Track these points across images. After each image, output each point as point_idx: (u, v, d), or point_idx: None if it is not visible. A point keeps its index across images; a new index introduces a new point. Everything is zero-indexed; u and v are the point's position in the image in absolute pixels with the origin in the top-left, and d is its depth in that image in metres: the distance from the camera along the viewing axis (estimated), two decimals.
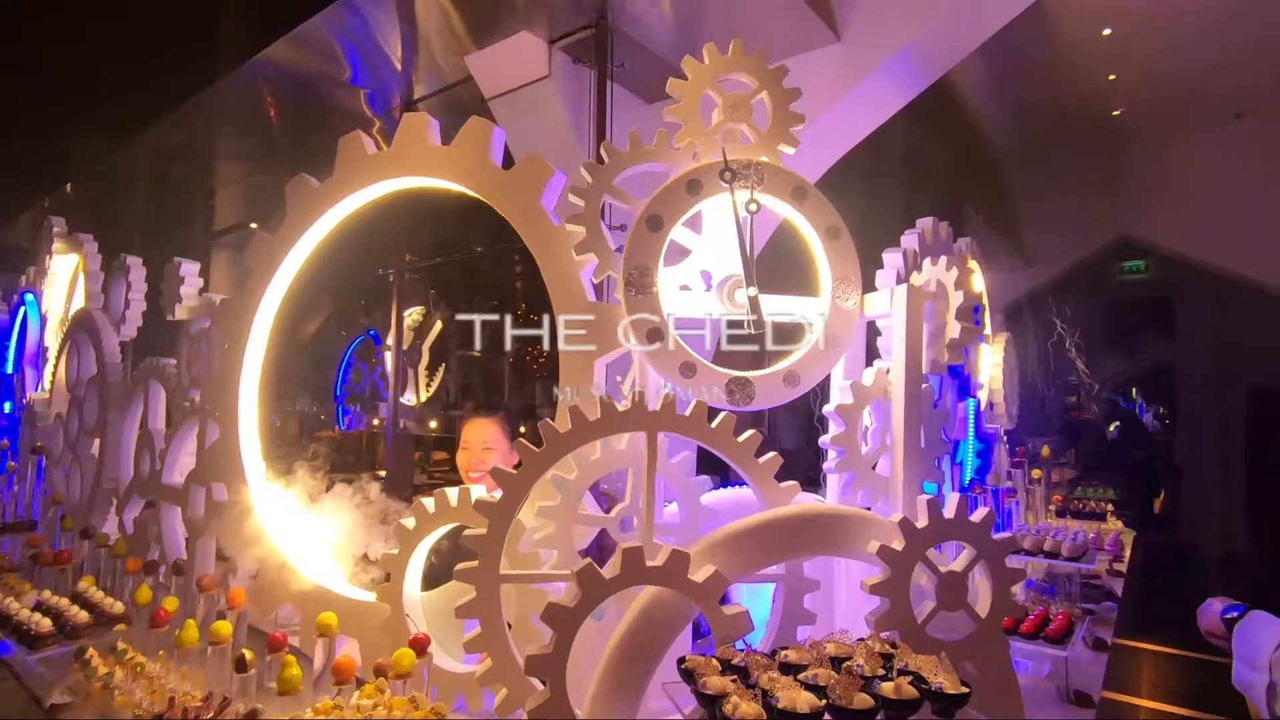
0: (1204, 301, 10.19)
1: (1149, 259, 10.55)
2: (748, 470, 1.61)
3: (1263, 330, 9.39)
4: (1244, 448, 9.86)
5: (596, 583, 1.32)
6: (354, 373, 7.32)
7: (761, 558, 1.49)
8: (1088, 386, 8.21)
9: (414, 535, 1.93)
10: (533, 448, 1.55)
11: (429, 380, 6.47)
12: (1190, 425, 10.61)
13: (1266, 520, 9.26)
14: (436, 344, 6.55)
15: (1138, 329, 10.97)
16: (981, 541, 1.51)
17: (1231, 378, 10.10)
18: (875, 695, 1.14)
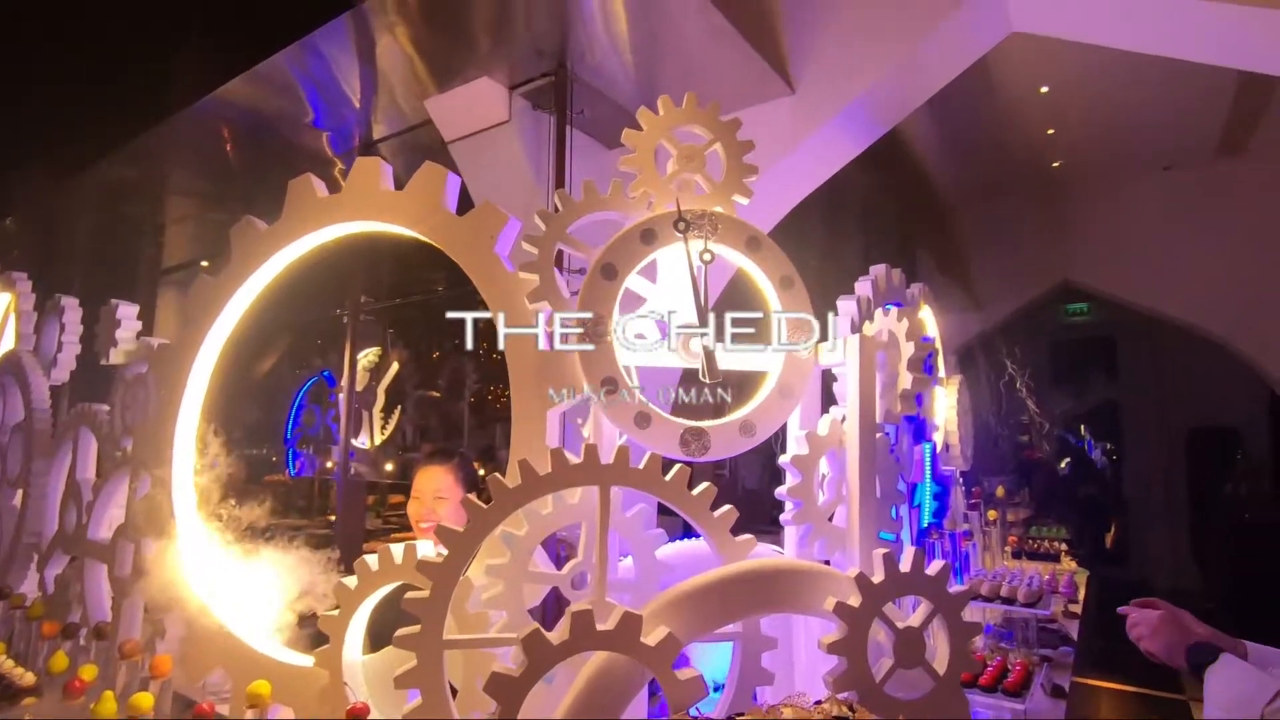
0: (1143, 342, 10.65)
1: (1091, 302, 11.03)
2: (703, 524, 1.58)
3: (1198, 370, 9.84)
4: (1187, 483, 10.21)
5: (543, 650, 1.26)
6: (306, 415, 7.09)
7: (717, 617, 1.45)
8: (1039, 425, 8.43)
9: (355, 595, 1.83)
10: (480, 504, 1.49)
11: (384, 422, 6.31)
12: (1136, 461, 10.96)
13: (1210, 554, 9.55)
14: (393, 385, 6.41)
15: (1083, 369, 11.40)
16: (938, 595, 1.49)
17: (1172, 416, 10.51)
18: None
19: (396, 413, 6.27)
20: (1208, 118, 6.74)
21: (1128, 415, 10.91)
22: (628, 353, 1.80)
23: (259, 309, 2.50)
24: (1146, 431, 10.55)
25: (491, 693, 1.21)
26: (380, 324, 5.95)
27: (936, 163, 7.24)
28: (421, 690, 1.43)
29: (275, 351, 6.73)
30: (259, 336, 6.03)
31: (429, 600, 1.44)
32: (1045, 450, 9.01)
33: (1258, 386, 8.77)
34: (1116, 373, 11.03)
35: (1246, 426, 9.55)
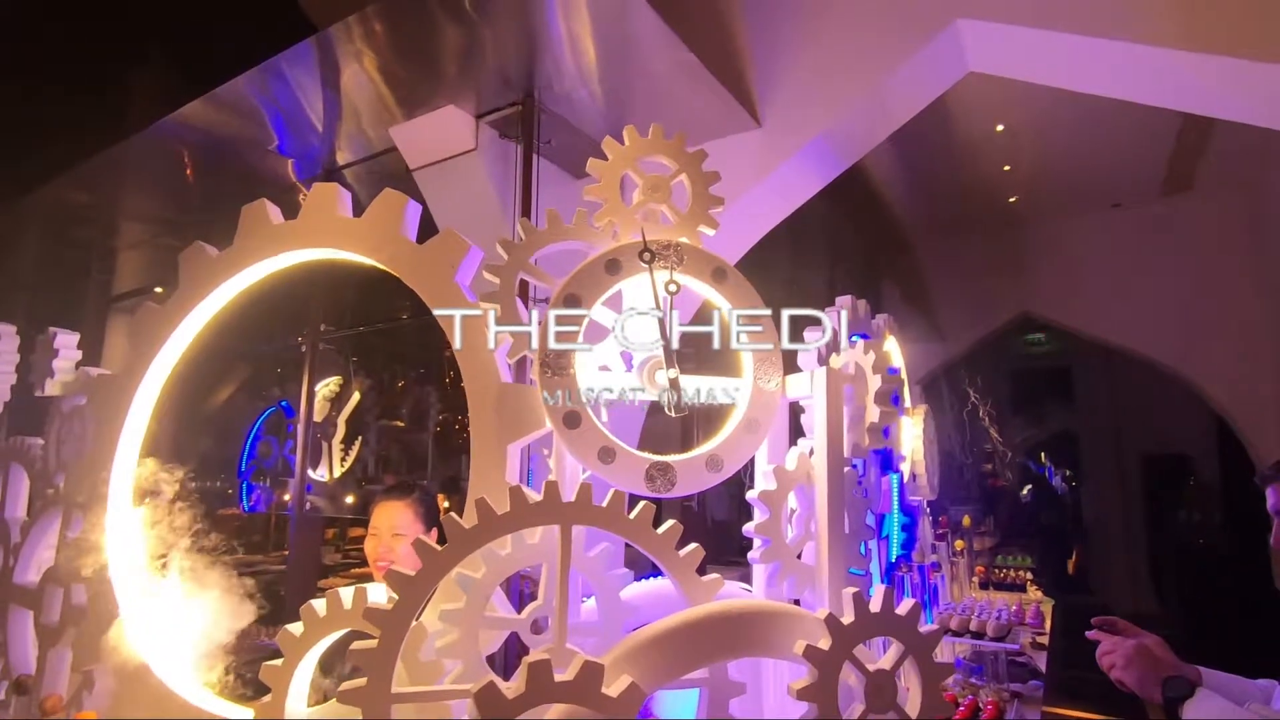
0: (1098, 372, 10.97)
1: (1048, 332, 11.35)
2: (668, 565, 1.52)
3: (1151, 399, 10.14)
4: (1143, 509, 10.45)
5: (498, 704, 1.18)
6: (262, 446, 6.85)
7: (683, 663, 1.38)
8: (1002, 454, 8.56)
9: (301, 643, 1.72)
10: (434, 546, 1.41)
11: (344, 454, 6.12)
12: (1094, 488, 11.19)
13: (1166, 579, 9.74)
14: (354, 416, 6.23)
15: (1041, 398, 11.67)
16: (909, 636, 1.45)
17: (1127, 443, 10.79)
18: None
19: (357, 444, 6.09)
20: (1153, 157, 7.05)
21: (1086, 443, 11.18)
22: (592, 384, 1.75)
23: (214, 337, 2.39)
24: (1104, 459, 10.80)
25: None
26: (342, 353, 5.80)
27: (899, 198, 7.42)
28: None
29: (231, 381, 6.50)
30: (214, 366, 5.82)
31: (376, 650, 1.36)
32: (1008, 478, 9.14)
33: (1207, 414, 9.05)
34: (1074, 401, 11.32)
35: (1198, 453, 9.84)
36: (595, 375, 1.80)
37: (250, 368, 6.13)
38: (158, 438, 2.49)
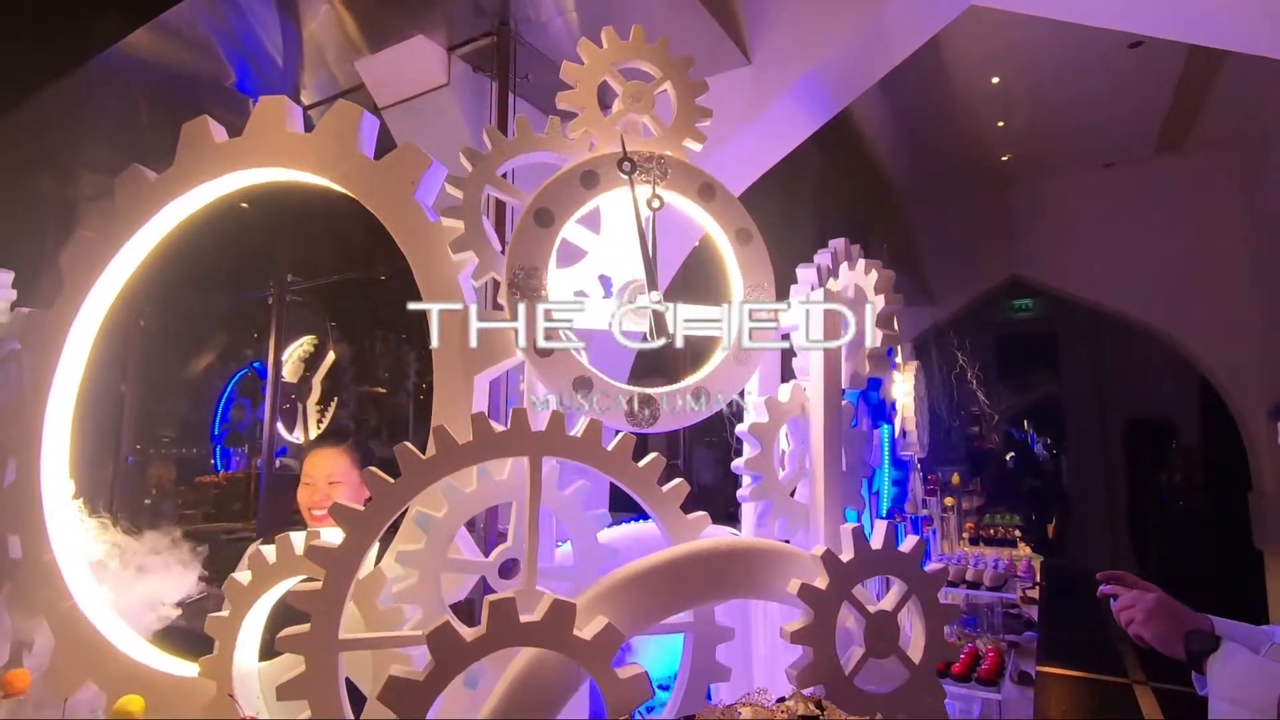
0: (1084, 337, 10.96)
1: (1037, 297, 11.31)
2: (650, 500, 1.38)
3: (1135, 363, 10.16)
4: (1125, 473, 10.53)
5: (455, 647, 1.04)
6: (235, 409, 6.64)
7: (665, 605, 1.25)
8: (988, 417, 8.53)
9: (248, 592, 1.57)
10: (386, 478, 1.26)
11: (320, 416, 5.93)
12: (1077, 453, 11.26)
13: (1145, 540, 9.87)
14: (329, 376, 6.03)
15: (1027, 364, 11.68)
16: (912, 575, 1.33)
17: (1111, 408, 10.83)
18: None
19: (333, 405, 5.90)
20: (1147, 116, 6.90)
21: (1070, 411, 11.22)
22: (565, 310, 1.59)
23: (179, 294, 2.21)
24: (1087, 425, 10.86)
25: (388, 701, 0.99)
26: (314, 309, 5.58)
27: (891, 155, 7.23)
28: (310, 700, 1.20)
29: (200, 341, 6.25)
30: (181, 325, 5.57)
31: (322, 592, 1.21)
32: (995, 441, 9.14)
33: (1190, 378, 9.08)
34: (1058, 369, 11.33)
35: (1181, 417, 9.89)
36: (570, 301, 1.64)
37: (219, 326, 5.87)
38: (128, 405, 2.35)
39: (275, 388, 4.15)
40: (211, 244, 4.75)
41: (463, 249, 1.59)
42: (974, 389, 7.93)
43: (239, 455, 6.93)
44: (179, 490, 6.23)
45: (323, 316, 6.01)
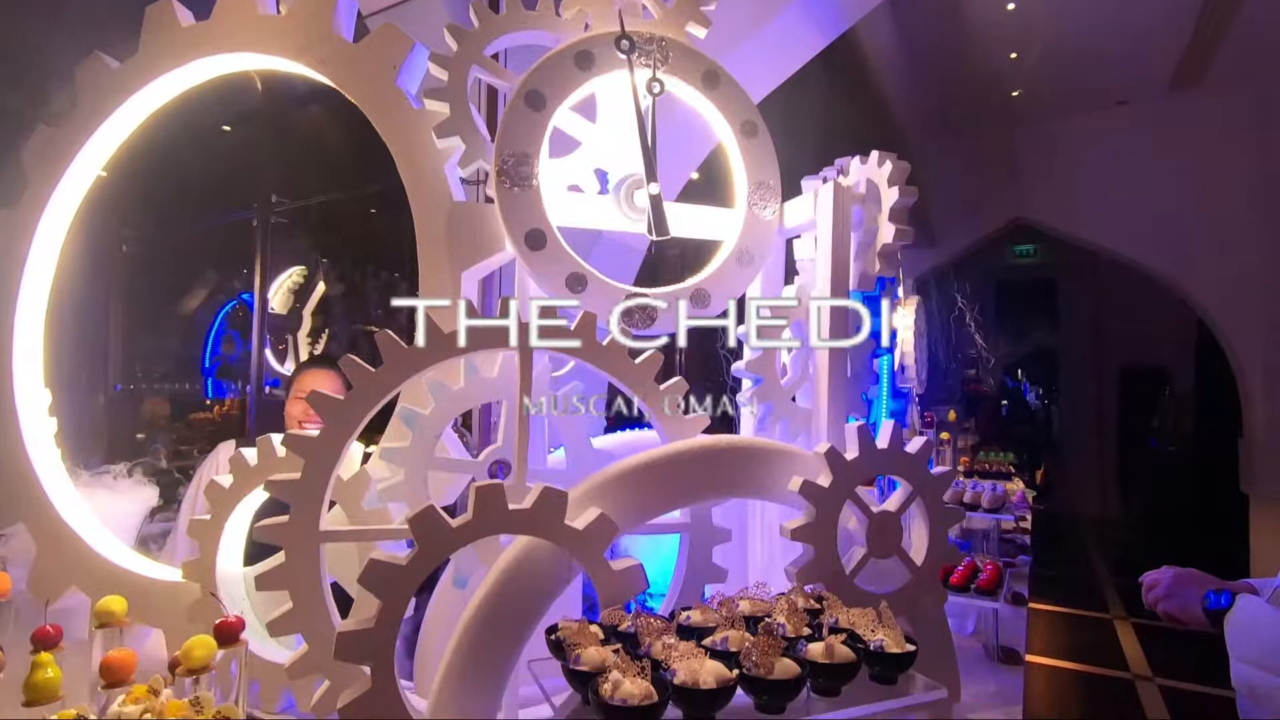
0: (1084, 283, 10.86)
1: (1038, 244, 11.16)
2: (646, 398, 1.31)
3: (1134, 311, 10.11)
4: (1116, 420, 10.60)
5: (439, 533, 0.98)
6: (225, 342, 6.55)
7: (660, 501, 1.20)
8: (985, 360, 8.49)
9: (231, 495, 1.52)
10: (366, 367, 1.19)
11: (311, 347, 5.85)
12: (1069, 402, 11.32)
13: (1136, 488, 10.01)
14: (320, 308, 5.93)
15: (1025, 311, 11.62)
16: (918, 476, 1.28)
17: (1106, 355, 10.83)
18: (801, 660, 0.87)
19: (324, 337, 5.81)
20: (1165, 51, 6.64)
21: (1065, 359, 11.21)
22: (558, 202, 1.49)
23: (162, 218, 2.10)
24: (1081, 372, 10.86)
25: (368, 585, 0.94)
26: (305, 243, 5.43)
27: (899, 82, 6.97)
28: (292, 592, 1.15)
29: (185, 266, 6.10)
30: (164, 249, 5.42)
31: (302, 482, 1.15)
32: (990, 385, 9.14)
33: (1188, 325, 9.04)
34: (1056, 317, 11.27)
35: (1176, 365, 9.89)
36: (564, 196, 1.54)
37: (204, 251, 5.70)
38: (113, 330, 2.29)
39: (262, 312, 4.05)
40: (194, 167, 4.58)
41: (448, 134, 1.47)
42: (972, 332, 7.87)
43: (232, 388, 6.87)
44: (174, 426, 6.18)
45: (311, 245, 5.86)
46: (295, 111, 4.32)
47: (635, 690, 0.77)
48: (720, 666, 0.82)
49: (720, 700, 0.80)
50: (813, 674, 0.86)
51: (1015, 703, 1.56)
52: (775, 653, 0.85)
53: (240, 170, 4.04)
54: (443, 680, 1.04)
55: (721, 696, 0.79)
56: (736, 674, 0.82)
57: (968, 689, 1.43)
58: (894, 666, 0.91)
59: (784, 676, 0.83)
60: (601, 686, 0.78)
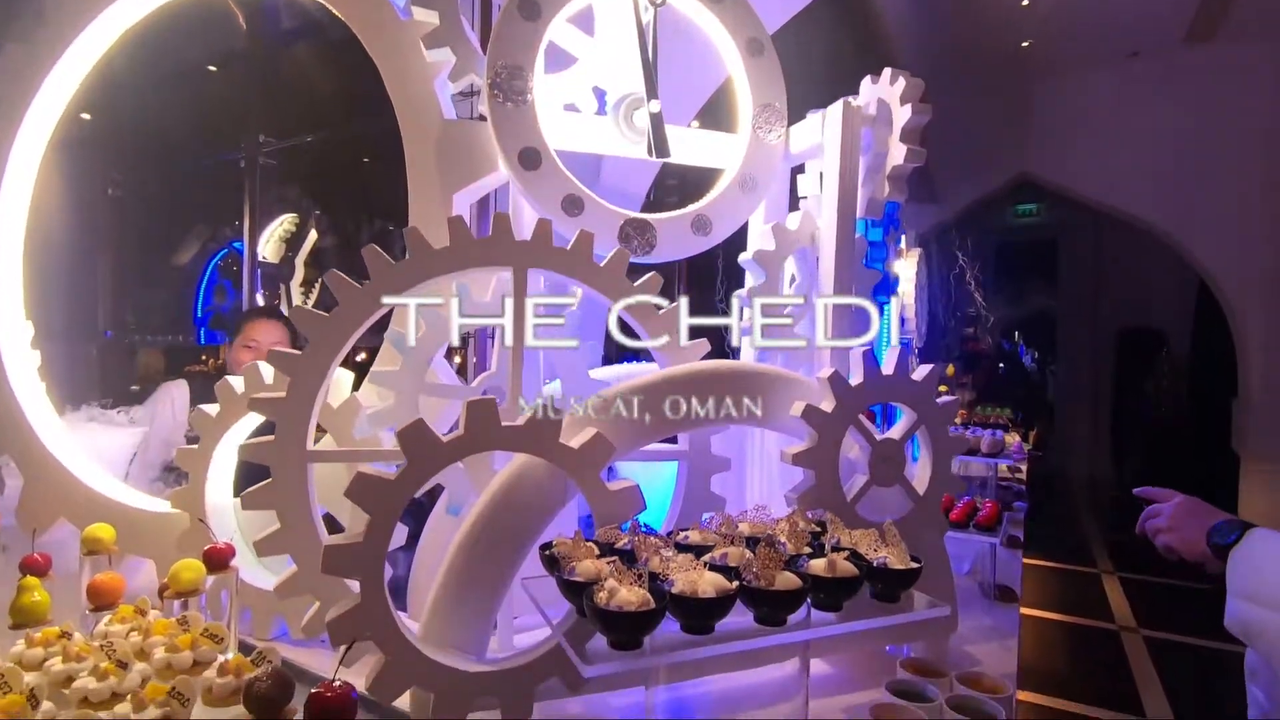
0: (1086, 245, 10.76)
1: (1041, 203, 11.02)
2: (645, 322, 1.27)
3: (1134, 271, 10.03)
4: (1112, 381, 10.63)
5: (428, 447, 0.95)
6: (217, 292, 6.46)
7: (660, 423, 1.16)
8: (984, 320, 8.46)
9: (218, 423, 1.49)
10: (353, 283, 1.13)
11: (305, 297, 5.77)
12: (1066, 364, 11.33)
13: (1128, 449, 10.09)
14: (313, 257, 5.83)
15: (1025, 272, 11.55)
16: (923, 404, 1.24)
17: (1104, 317, 10.80)
18: (802, 575, 0.84)
19: (318, 286, 5.73)
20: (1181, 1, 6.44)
21: (1063, 322, 11.17)
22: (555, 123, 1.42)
23: (148, 161, 2.01)
24: (1078, 335, 10.84)
25: (357, 499, 0.90)
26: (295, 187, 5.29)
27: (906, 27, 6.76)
28: (279, 512, 1.12)
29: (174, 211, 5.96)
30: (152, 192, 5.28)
31: (287, 401, 1.11)
32: (988, 343, 9.13)
33: (1188, 285, 8.98)
34: (1056, 279, 11.19)
35: (1173, 326, 9.87)
36: (560, 115, 1.47)
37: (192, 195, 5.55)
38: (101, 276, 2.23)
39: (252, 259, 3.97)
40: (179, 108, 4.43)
41: (437, 44, 1.40)
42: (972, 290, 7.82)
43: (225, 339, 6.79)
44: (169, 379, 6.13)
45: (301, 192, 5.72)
46: (280, 50, 4.16)
47: (632, 598, 0.74)
48: (719, 577, 0.79)
49: (719, 610, 0.77)
50: (814, 589, 0.83)
51: (1011, 637, 1.56)
52: (776, 566, 0.82)
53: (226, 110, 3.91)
54: (436, 599, 1.02)
55: (720, 606, 0.77)
56: (736, 585, 0.79)
57: (964, 624, 1.42)
58: (897, 583, 0.89)
59: (785, 588, 0.80)
60: (597, 595, 0.75)
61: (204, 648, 1.01)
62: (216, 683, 0.93)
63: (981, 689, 1.18)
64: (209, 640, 1.03)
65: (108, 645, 1.01)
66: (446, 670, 0.95)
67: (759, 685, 1.23)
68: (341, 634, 0.88)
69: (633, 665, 0.76)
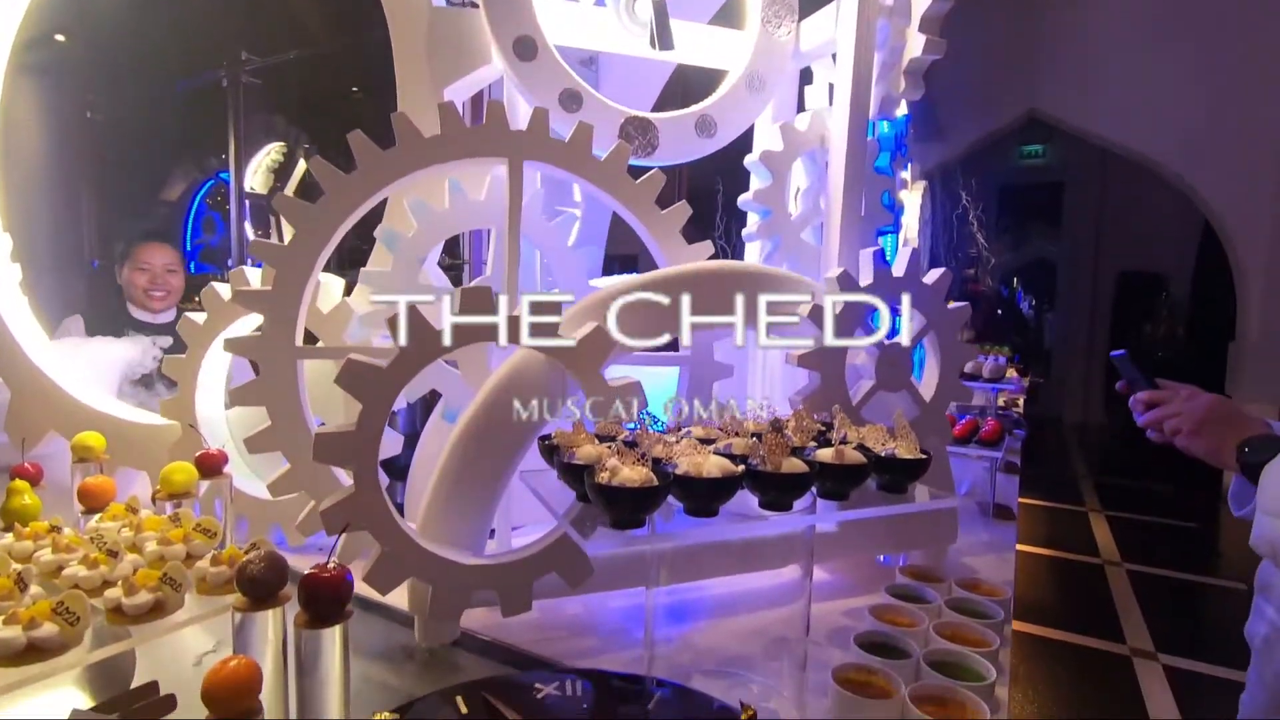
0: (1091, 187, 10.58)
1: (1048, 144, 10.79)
2: (646, 220, 1.22)
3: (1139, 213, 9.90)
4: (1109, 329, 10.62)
5: (422, 335, 0.91)
6: (205, 225, 6.31)
7: (660, 323, 1.12)
8: (985, 261, 8.37)
9: (205, 331, 1.45)
10: (339, 171, 1.07)
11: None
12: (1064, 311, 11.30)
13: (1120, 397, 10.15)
14: (303, 190, 5.68)
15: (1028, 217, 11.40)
16: (934, 308, 1.20)
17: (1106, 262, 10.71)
18: (810, 463, 0.82)
19: None
20: None
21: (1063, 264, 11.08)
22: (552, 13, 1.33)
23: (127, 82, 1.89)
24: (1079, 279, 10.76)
25: (346, 384, 0.87)
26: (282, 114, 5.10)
27: None
28: (270, 410, 1.09)
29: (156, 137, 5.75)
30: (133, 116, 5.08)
31: (273, 292, 1.06)
32: (989, 285, 9.07)
33: (1192, 228, 8.88)
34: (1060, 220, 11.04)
35: (1174, 270, 9.81)
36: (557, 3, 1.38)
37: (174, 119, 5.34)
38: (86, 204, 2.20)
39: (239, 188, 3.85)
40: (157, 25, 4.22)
41: None
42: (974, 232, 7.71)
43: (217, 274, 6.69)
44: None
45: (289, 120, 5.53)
46: None
47: (634, 476, 0.72)
48: (725, 460, 0.77)
49: (724, 493, 0.75)
50: (821, 476, 0.81)
51: (1009, 550, 1.57)
52: (783, 451, 0.80)
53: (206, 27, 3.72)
54: (432, 496, 1.00)
55: (725, 488, 0.75)
56: (742, 469, 0.77)
57: (962, 539, 1.42)
58: (905, 473, 0.86)
59: (792, 471, 0.78)
60: (599, 474, 0.73)
61: (197, 541, 1.00)
62: (210, 572, 0.91)
63: (980, 593, 1.18)
64: (202, 535, 1.01)
65: (98, 537, 0.99)
66: (444, 562, 0.94)
67: (759, 590, 1.23)
68: (335, 522, 0.86)
69: (634, 547, 0.74)
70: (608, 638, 1.10)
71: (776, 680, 0.96)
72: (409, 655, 1.03)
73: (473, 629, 1.06)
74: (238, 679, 0.69)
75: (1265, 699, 1.00)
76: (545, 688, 0.80)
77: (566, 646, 1.05)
